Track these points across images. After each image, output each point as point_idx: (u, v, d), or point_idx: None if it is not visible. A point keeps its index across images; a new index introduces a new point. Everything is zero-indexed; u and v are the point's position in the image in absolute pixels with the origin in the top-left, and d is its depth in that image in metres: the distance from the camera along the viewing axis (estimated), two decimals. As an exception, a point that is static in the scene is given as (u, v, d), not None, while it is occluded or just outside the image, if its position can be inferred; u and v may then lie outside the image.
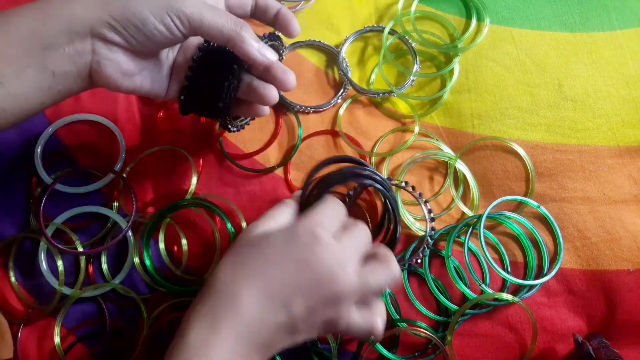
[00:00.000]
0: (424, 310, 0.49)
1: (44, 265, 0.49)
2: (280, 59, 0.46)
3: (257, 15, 0.45)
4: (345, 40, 0.56)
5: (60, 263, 0.48)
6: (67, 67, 0.37)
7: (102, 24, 0.36)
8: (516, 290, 0.50)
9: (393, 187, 0.49)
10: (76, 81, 0.38)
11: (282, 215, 0.40)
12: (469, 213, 0.51)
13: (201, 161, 0.52)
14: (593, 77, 0.54)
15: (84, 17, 0.36)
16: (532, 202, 0.50)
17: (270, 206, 0.51)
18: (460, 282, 0.48)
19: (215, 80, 0.43)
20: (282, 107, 0.55)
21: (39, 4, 0.37)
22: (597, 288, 0.49)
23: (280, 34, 0.46)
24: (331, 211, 0.39)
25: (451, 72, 0.54)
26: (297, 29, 0.44)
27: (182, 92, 0.44)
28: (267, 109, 0.47)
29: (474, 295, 0.48)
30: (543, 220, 0.51)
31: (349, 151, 0.53)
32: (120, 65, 0.39)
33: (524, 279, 0.50)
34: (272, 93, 0.43)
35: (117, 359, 0.49)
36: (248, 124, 0.50)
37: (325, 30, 0.57)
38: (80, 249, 0.49)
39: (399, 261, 0.50)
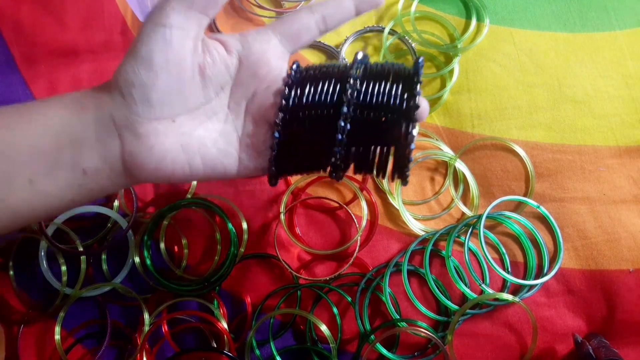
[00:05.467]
0: (424, 310, 0.49)
1: (44, 265, 0.48)
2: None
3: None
4: (345, 40, 0.56)
5: (62, 263, 0.48)
6: (98, 163, 0.32)
7: (119, 95, 0.32)
8: (516, 290, 0.50)
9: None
10: (110, 178, 0.33)
11: None
12: (469, 213, 0.51)
13: (201, 161, 0.52)
14: (593, 77, 0.54)
15: (107, 104, 0.32)
16: (532, 202, 0.50)
17: (270, 205, 0.52)
18: (460, 282, 0.48)
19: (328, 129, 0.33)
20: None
21: (78, 94, 0.34)
22: (597, 288, 0.49)
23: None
24: None
25: (451, 72, 0.54)
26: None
27: (272, 156, 0.35)
28: None
29: (474, 295, 0.48)
30: (543, 220, 0.51)
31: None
32: (155, 149, 0.33)
33: (524, 279, 0.50)
34: None
35: (117, 359, 0.49)
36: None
37: (325, 30, 0.57)
38: (81, 249, 0.49)
39: (397, 262, 0.50)
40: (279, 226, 0.51)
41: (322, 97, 0.34)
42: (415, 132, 0.33)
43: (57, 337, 0.48)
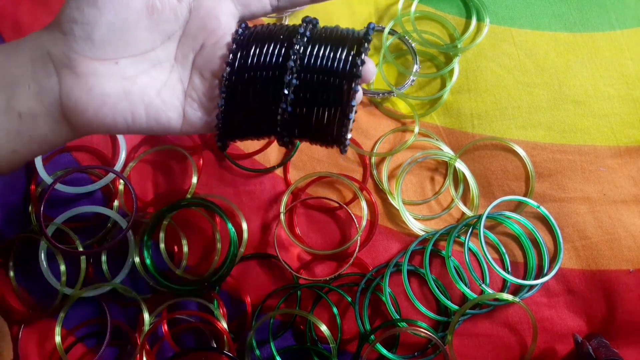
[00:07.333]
0: (424, 310, 0.49)
1: (44, 265, 0.48)
2: None
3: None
4: (345, 40, 0.56)
5: (62, 263, 0.48)
6: (34, 106, 0.31)
7: (58, 36, 0.31)
8: (516, 290, 0.50)
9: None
10: (49, 124, 0.32)
11: None
12: (469, 213, 0.51)
13: (201, 161, 0.52)
14: (593, 77, 0.54)
15: (45, 41, 0.31)
16: (532, 202, 0.50)
17: (270, 205, 0.52)
18: (460, 282, 0.48)
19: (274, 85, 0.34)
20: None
21: (18, 41, 0.32)
22: (597, 288, 0.49)
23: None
24: None
25: (451, 72, 0.54)
26: None
27: (220, 114, 0.35)
28: None
29: (474, 295, 0.48)
30: (543, 220, 0.51)
31: (349, 151, 0.53)
32: (95, 91, 0.31)
33: (524, 279, 0.50)
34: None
35: (117, 359, 0.49)
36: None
37: (325, 30, 0.57)
38: (81, 249, 0.49)
39: (397, 262, 0.50)
40: (279, 226, 0.51)
41: (267, 59, 0.34)
42: (357, 98, 0.33)
43: (58, 337, 0.48)
